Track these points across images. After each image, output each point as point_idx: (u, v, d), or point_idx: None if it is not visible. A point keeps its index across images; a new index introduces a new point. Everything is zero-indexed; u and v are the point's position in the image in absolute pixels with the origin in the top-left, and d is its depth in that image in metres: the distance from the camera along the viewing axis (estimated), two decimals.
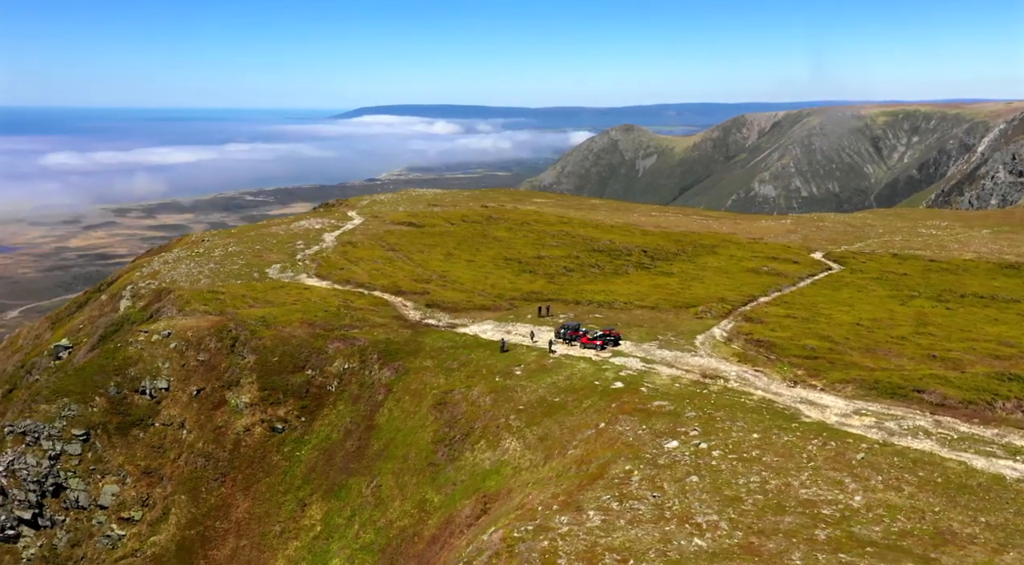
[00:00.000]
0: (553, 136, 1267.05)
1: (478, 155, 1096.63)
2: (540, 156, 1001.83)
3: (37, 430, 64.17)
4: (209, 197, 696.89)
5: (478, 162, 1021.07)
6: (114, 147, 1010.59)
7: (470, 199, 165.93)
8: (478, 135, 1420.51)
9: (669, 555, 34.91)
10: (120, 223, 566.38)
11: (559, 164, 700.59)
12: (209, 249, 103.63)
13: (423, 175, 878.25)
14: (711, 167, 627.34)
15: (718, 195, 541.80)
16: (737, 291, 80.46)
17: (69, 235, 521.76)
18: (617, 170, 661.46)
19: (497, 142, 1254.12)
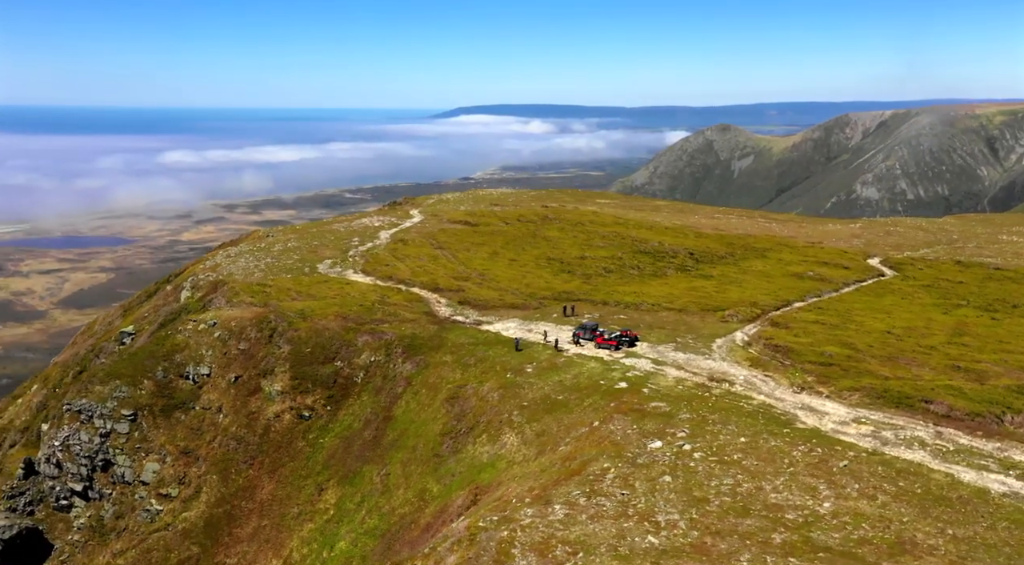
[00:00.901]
0: (648, 136, 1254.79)
1: (572, 155, 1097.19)
2: (634, 156, 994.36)
3: (91, 409, 69.44)
4: (311, 194, 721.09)
5: (571, 162, 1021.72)
6: (226, 145, 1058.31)
7: (533, 199, 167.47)
8: (572, 135, 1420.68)
9: (619, 550, 35.73)
10: (228, 218, 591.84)
11: (652, 164, 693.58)
12: (270, 244, 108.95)
13: (516, 174, 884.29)
14: (810, 168, 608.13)
15: (817, 197, 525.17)
16: (773, 296, 79.33)
17: (182, 229, 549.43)
18: (711, 171, 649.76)
19: (591, 142, 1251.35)
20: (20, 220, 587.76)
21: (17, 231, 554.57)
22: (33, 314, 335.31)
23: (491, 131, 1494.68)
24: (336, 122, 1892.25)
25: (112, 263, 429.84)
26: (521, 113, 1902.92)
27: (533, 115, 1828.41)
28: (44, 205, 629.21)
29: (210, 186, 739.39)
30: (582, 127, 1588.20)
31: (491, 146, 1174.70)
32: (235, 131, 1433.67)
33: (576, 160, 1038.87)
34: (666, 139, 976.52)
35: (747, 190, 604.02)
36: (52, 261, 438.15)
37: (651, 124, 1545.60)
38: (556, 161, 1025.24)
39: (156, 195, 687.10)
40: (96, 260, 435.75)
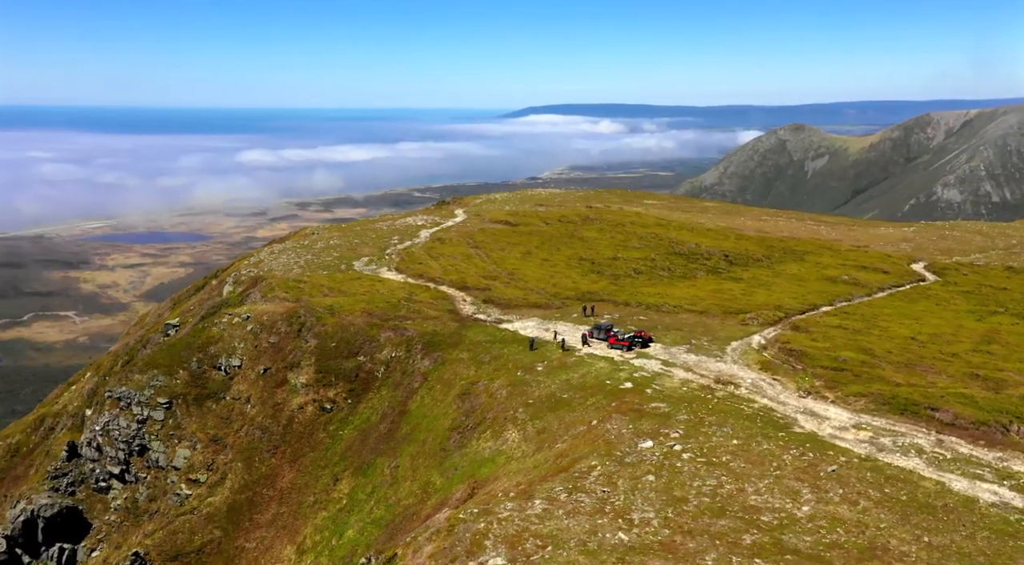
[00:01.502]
0: (720, 136, 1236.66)
1: (641, 154, 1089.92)
2: (704, 156, 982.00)
3: (130, 396, 73.11)
4: (380, 193, 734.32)
5: (640, 161, 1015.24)
6: (301, 145, 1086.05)
7: (580, 200, 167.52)
8: (642, 134, 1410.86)
9: (588, 545, 36.47)
10: (301, 216, 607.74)
11: (722, 164, 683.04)
12: (313, 242, 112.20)
13: (584, 174, 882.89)
14: (888, 169, 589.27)
15: (894, 199, 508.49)
16: (800, 299, 78.24)
17: (256, 226, 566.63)
18: (784, 171, 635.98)
19: (661, 141, 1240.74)
20: (108, 216, 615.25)
21: (105, 226, 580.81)
22: (117, 306, 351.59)
23: (560, 131, 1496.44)
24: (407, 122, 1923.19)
25: (191, 258, 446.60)
26: (591, 113, 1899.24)
27: (603, 115, 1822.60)
28: (130, 202, 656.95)
29: (284, 184, 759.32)
30: (652, 127, 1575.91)
31: (559, 146, 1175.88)
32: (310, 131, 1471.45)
33: (645, 160, 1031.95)
34: (738, 139, 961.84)
35: (820, 191, 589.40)
36: (136, 256, 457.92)
37: (723, 124, 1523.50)
38: (625, 161, 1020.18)
39: (233, 193, 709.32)
40: (176, 255, 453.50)
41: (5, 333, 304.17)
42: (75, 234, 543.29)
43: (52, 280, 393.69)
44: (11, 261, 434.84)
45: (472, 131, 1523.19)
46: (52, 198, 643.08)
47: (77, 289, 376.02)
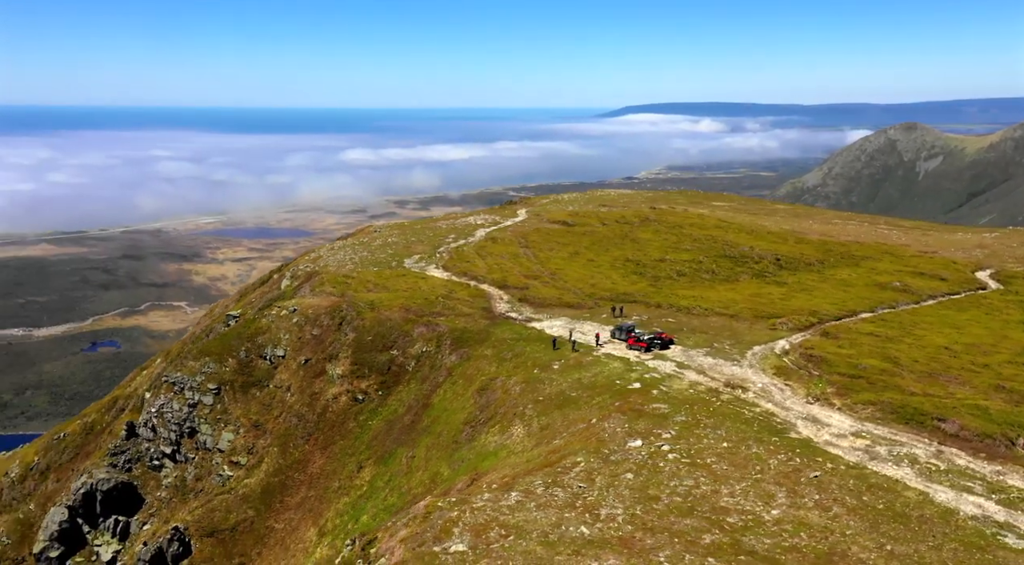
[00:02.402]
0: (827, 135, 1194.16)
1: (742, 154, 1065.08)
2: (809, 156, 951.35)
3: (183, 382, 78.00)
4: (476, 192, 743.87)
5: (741, 161, 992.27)
6: (401, 144, 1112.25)
7: (647, 200, 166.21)
8: (744, 134, 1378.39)
9: (549, 537, 37.74)
10: (399, 213, 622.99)
11: (826, 165, 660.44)
12: (372, 239, 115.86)
13: (682, 174, 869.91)
14: (1009, 170, 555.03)
15: (1015, 203, 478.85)
16: (839, 305, 76.40)
17: (356, 223, 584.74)
18: (893, 172, 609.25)
19: (764, 141, 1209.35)
20: (220, 212, 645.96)
21: (217, 222, 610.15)
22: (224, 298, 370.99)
23: (659, 130, 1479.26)
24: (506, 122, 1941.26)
25: (294, 253, 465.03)
26: (691, 112, 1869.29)
27: (704, 114, 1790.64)
28: (240, 198, 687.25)
29: (384, 182, 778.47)
30: (755, 126, 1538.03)
31: (658, 145, 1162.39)
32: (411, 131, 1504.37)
33: (746, 160, 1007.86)
34: (847, 138, 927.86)
35: (932, 194, 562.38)
36: (244, 250, 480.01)
37: (831, 122, 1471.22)
38: (725, 161, 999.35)
39: (334, 191, 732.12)
40: (280, 250, 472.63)
41: (125, 321, 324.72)
42: (190, 228, 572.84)
43: (168, 272, 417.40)
44: (132, 253, 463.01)
45: (570, 130, 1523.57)
46: (170, 194, 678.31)
47: (189, 281, 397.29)
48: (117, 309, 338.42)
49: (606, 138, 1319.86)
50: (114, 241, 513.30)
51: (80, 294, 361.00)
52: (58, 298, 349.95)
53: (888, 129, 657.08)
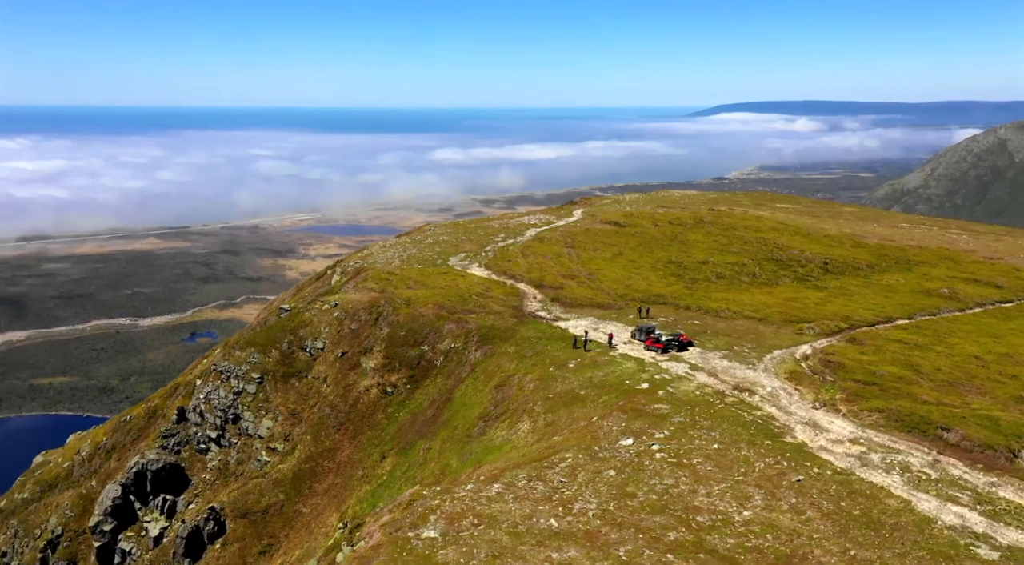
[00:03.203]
0: (933, 134, 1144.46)
1: (839, 154, 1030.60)
2: (912, 156, 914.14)
3: (229, 370, 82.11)
4: (562, 191, 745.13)
5: (838, 162, 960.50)
6: (489, 144, 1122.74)
7: (708, 202, 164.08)
8: (842, 133, 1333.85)
9: (518, 528, 39.18)
10: (484, 212, 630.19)
11: (928, 166, 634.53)
12: (424, 237, 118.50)
13: (775, 175, 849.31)
14: None
15: None
16: (876, 311, 74.64)
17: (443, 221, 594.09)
18: (1002, 174, 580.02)
19: (863, 141, 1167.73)
20: (313, 209, 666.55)
21: (310, 219, 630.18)
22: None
23: (752, 129, 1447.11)
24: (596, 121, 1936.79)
25: None
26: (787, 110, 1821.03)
27: (800, 112, 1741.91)
28: (333, 196, 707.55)
29: (470, 181, 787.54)
30: (855, 125, 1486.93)
31: (750, 145, 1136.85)
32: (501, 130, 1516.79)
33: (844, 160, 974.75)
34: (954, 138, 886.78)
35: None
36: (335, 246, 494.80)
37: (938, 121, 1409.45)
38: (821, 161, 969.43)
39: (422, 189, 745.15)
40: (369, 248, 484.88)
41: (221, 313, 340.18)
42: (285, 225, 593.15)
43: (263, 267, 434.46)
44: (230, 248, 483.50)
45: (660, 129, 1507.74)
46: (267, 192, 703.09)
47: (283, 275, 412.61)
48: (215, 301, 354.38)
49: (697, 137, 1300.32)
50: (214, 236, 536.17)
51: (182, 286, 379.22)
52: (162, 290, 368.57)
53: (998, 128, 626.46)
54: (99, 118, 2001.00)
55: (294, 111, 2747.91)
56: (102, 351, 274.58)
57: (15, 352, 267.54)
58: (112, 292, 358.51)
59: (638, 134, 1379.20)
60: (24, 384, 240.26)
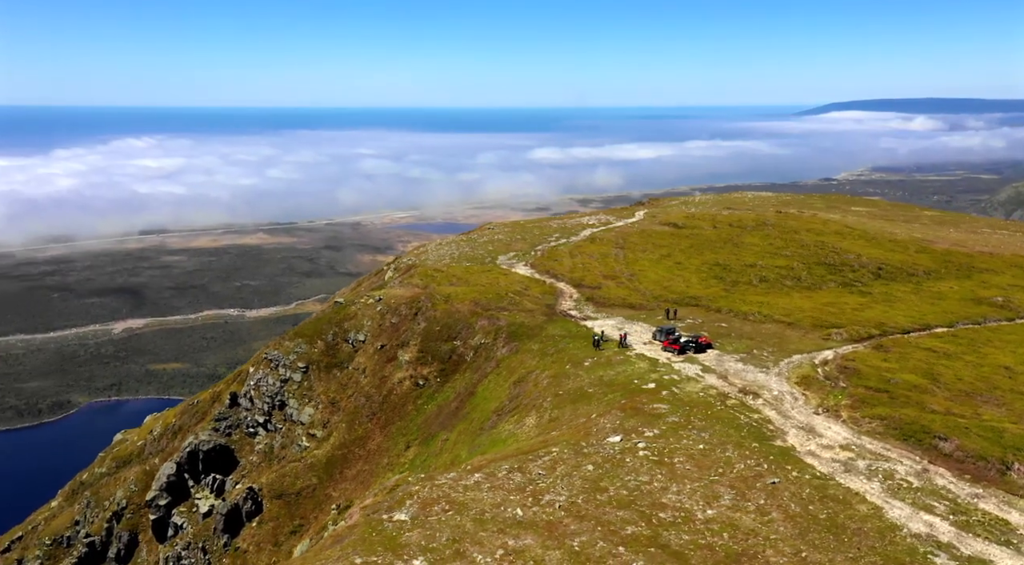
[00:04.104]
0: None
1: (959, 155, 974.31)
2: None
3: (278, 359, 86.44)
4: (660, 191, 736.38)
5: (958, 163, 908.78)
6: (589, 143, 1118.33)
7: (778, 203, 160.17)
8: (964, 132, 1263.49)
9: (484, 516, 41.00)
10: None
11: None
12: (480, 235, 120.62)
13: (887, 176, 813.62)
14: None
15: None
16: (915, 318, 72.42)
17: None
18: None
19: (988, 140, 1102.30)
20: (413, 207, 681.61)
21: (409, 216, 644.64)
22: None
23: (864, 128, 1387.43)
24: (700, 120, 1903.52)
25: None
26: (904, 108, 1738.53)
27: (918, 110, 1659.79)
28: (432, 195, 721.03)
29: (567, 181, 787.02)
30: (978, 123, 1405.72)
31: (862, 145, 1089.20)
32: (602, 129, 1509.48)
33: (965, 161, 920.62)
34: None
35: None
36: None
37: None
38: (938, 162, 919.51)
39: (518, 189, 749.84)
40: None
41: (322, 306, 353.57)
42: (385, 222, 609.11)
43: (362, 262, 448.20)
44: (333, 244, 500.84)
45: (766, 129, 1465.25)
46: (368, 190, 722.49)
47: None
48: (316, 295, 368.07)
49: (805, 137, 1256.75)
50: (319, 232, 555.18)
51: (286, 280, 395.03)
52: (268, 283, 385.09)
53: None
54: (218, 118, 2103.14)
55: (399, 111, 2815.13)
56: (211, 340, 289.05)
57: (134, 339, 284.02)
58: (223, 284, 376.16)
59: (743, 133, 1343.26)
60: (142, 369, 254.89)
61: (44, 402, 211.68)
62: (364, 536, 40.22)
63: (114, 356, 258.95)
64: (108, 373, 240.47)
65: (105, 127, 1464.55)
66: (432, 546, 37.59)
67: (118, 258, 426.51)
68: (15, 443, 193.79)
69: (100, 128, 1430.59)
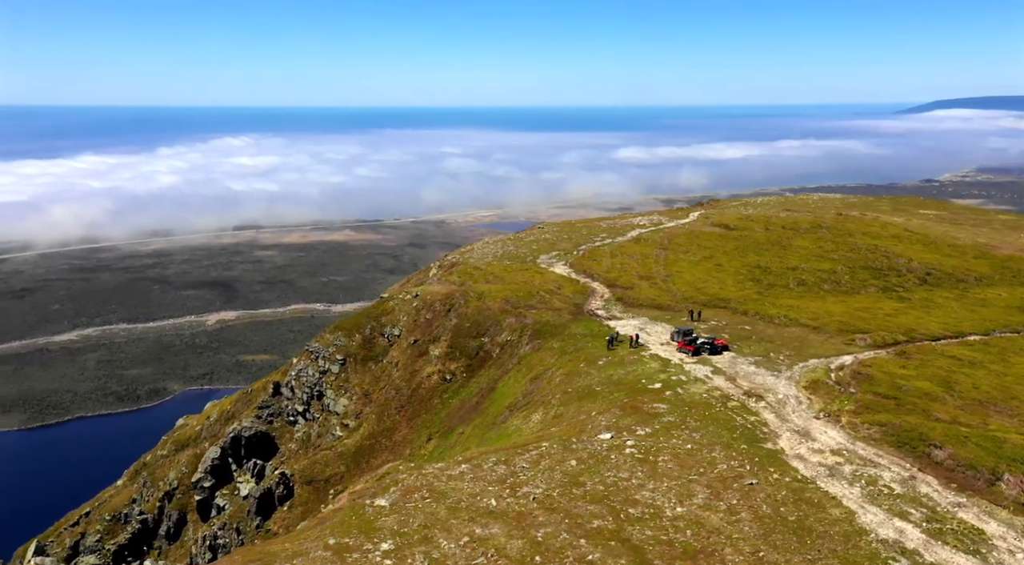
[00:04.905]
0: None
1: None
2: None
3: (318, 351, 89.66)
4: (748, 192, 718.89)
5: None
6: (675, 142, 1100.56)
7: (841, 205, 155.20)
8: None
9: (460, 504, 42.60)
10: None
11: None
12: (528, 234, 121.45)
13: (994, 177, 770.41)
14: None
15: None
16: (950, 326, 70.20)
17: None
18: None
19: None
20: (495, 206, 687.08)
21: (492, 215, 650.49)
22: None
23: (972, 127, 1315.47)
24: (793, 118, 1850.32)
25: None
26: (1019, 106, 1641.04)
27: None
28: (514, 193, 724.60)
29: (651, 181, 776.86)
30: None
31: (968, 144, 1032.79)
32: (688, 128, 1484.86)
33: None
34: None
35: None
36: None
37: None
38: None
39: (601, 188, 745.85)
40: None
41: None
42: (468, 221, 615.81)
43: None
44: (416, 242, 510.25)
45: (863, 128, 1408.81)
46: (452, 188, 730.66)
47: None
48: None
49: (905, 136, 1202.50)
50: (403, 230, 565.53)
51: (370, 276, 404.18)
52: (353, 278, 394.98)
53: None
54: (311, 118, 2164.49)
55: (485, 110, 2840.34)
56: (298, 333, 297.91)
57: (226, 330, 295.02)
58: (310, 279, 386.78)
59: (838, 132, 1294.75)
60: (232, 359, 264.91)
61: (143, 388, 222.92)
62: (344, 519, 42.13)
63: (207, 346, 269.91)
64: (201, 362, 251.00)
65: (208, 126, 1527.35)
66: (403, 531, 39.17)
67: (213, 252, 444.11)
68: (114, 426, 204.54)
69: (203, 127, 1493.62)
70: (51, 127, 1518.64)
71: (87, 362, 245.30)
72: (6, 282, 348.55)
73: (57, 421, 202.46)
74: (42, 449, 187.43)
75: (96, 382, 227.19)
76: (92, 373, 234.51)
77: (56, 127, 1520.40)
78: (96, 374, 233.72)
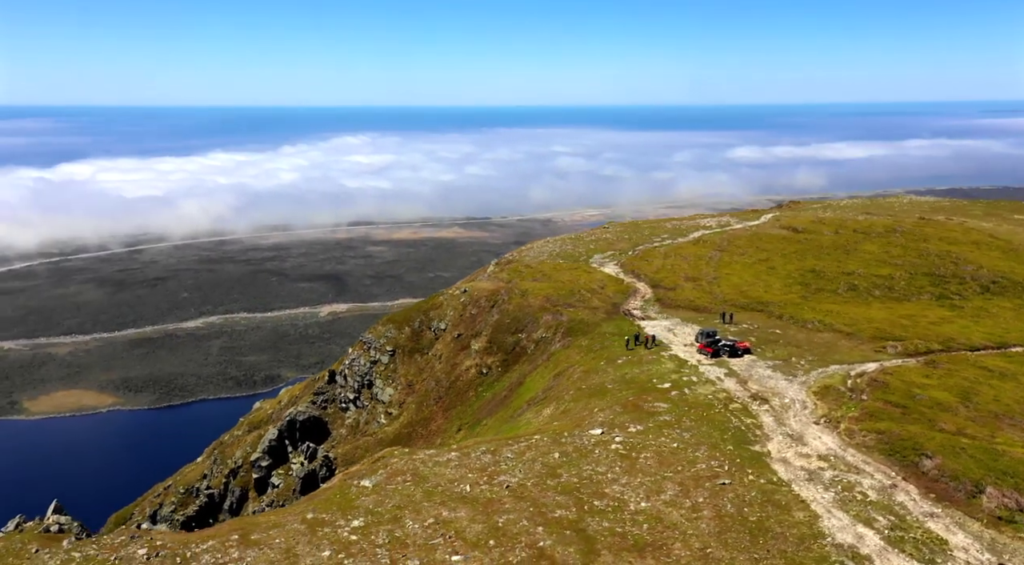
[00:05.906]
0: None
1: None
2: None
3: (370, 342, 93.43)
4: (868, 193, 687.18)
5: None
6: (793, 142, 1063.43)
7: (929, 210, 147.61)
8: None
9: (437, 488, 44.93)
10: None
11: None
12: (588, 234, 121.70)
13: None
14: None
15: None
16: (996, 337, 67.41)
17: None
18: None
19: None
20: (603, 205, 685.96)
21: (599, 214, 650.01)
22: None
23: None
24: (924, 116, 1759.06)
25: None
26: None
27: None
28: (623, 193, 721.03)
29: (764, 182, 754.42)
30: None
31: None
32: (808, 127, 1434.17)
33: None
34: None
35: None
36: None
37: None
38: None
39: (712, 188, 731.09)
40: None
41: None
42: (575, 219, 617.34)
43: None
44: (522, 240, 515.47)
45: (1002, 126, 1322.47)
46: (560, 187, 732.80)
47: None
48: None
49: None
50: (510, 228, 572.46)
51: None
52: (459, 275, 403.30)
53: None
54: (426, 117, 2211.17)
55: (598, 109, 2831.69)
56: None
57: (338, 322, 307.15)
58: (417, 274, 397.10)
59: (973, 131, 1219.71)
60: (342, 350, 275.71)
61: (259, 375, 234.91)
62: (329, 497, 44.91)
63: (319, 337, 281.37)
64: (313, 352, 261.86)
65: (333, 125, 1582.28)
66: (376, 510, 41.57)
67: (328, 247, 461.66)
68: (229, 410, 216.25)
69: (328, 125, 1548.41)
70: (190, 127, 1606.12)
71: (211, 348, 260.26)
72: (142, 271, 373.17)
73: (182, 402, 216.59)
74: (167, 427, 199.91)
75: (218, 367, 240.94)
76: (215, 359, 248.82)
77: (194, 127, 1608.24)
78: (218, 360, 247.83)
